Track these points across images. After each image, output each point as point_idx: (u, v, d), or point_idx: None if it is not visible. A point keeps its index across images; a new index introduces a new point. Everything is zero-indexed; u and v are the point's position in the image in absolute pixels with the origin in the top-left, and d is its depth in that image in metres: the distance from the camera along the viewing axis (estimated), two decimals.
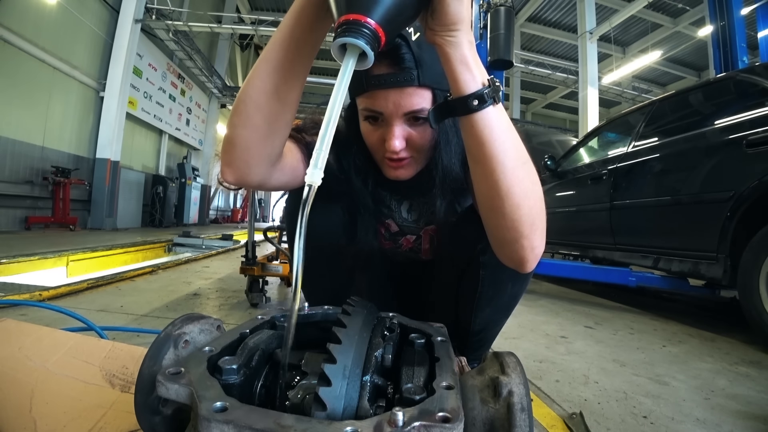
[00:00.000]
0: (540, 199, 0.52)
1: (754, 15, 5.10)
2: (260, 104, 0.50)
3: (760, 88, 1.81)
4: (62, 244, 3.84)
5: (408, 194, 0.83)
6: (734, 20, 4.83)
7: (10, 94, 5.20)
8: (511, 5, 3.56)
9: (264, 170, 0.57)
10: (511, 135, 0.50)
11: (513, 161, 0.49)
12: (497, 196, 0.50)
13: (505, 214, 0.50)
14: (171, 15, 7.97)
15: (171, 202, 8.71)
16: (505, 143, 0.49)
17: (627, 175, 2.47)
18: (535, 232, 0.52)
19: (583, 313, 2.22)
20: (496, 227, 0.53)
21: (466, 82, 0.46)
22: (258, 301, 1.95)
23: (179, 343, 0.41)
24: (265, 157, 0.56)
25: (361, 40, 0.34)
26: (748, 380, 1.26)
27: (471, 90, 0.46)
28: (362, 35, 0.34)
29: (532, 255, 0.53)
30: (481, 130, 0.48)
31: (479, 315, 0.78)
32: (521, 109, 15.65)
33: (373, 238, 0.78)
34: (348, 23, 0.34)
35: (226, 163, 0.55)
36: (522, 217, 0.50)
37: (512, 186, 0.49)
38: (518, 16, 11.33)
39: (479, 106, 0.46)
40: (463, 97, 0.46)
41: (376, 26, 0.35)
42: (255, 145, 0.53)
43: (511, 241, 0.53)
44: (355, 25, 0.34)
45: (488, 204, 0.53)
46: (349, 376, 0.33)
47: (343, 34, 0.34)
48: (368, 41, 0.35)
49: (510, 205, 0.50)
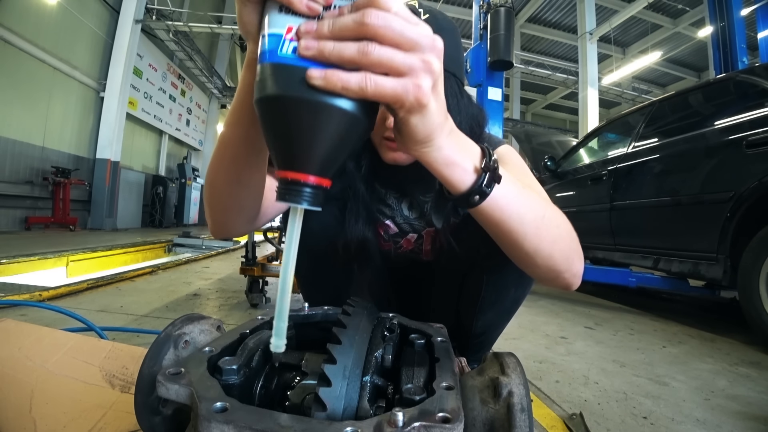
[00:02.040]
0: (568, 234, 0.51)
1: (753, 16, 5.10)
2: (224, 192, 0.52)
3: (760, 89, 1.81)
4: (62, 244, 3.84)
5: (408, 191, 0.82)
6: (734, 21, 4.83)
7: (11, 94, 5.20)
8: (511, 6, 3.55)
9: (247, 228, 0.60)
10: (523, 200, 0.47)
11: (532, 224, 0.47)
12: (527, 256, 0.50)
13: (539, 266, 0.51)
14: (171, 15, 7.98)
15: (171, 203, 8.71)
16: (520, 213, 0.46)
17: (627, 175, 2.47)
18: (573, 264, 0.52)
19: (583, 314, 2.22)
20: (534, 273, 0.54)
21: (460, 181, 0.41)
22: (258, 302, 1.95)
23: (179, 343, 0.41)
24: (244, 222, 0.59)
25: (303, 204, 0.31)
26: (748, 381, 1.26)
27: (468, 186, 0.41)
28: (303, 197, 0.31)
29: (575, 279, 0.53)
30: (491, 214, 0.45)
31: (481, 318, 0.77)
32: (521, 109, 15.66)
33: (364, 226, 0.76)
34: (287, 183, 0.31)
35: (211, 227, 0.59)
36: (556, 261, 0.50)
37: (539, 245, 0.48)
38: (518, 16, 11.34)
39: (482, 199, 0.42)
40: (463, 195, 0.42)
41: (316, 180, 0.32)
42: (231, 219, 0.56)
43: (553, 278, 0.53)
44: (295, 186, 0.31)
45: (520, 261, 0.52)
46: (349, 376, 0.33)
47: (284, 196, 0.32)
48: (310, 201, 0.32)
49: (541, 259, 0.49)
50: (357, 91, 0.29)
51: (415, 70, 0.30)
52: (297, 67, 0.28)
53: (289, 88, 0.28)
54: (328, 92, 0.28)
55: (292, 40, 0.29)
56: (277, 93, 0.29)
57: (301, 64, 0.28)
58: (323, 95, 0.29)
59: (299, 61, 0.28)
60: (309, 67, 0.28)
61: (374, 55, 0.28)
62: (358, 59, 0.28)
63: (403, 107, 0.32)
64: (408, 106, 0.32)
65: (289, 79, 0.28)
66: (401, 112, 0.33)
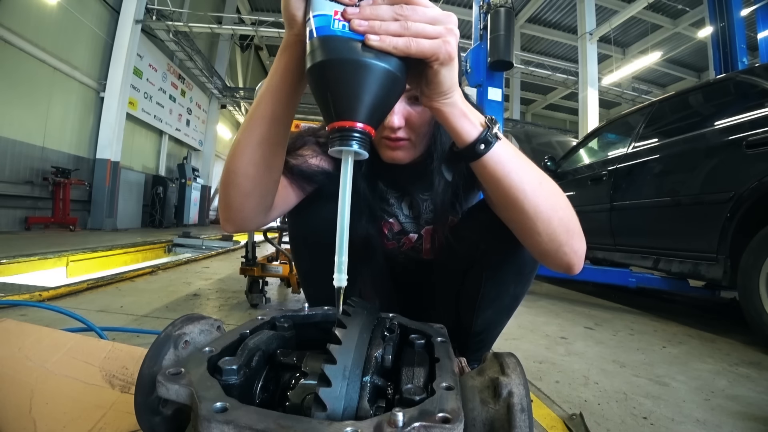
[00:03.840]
0: (567, 206, 0.55)
1: (753, 16, 5.10)
2: (249, 174, 0.55)
3: (760, 89, 1.81)
4: (62, 244, 3.84)
5: (408, 190, 0.83)
6: (734, 21, 4.83)
7: (11, 94, 5.20)
8: (511, 6, 3.55)
9: (261, 219, 0.62)
10: (522, 161, 0.53)
11: (531, 184, 0.52)
12: (527, 219, 0.53)
13: (539, 232, 0.53)
14: (171, 16, 7.98)
15: (171, 203, 8.71)
16: (519, 171, 0.52)
17: (627, 176, 2.47)
18: (573, 237, 0.55)
19: (583, 314, 2.22)
20: (536, 244, 0.56)
21: (468, 132, 0.49)
22: (258, 302, 1.95)
23: (179, 343, 0.41)
24: (260, 212, 0.60)
25: (354, 146, 0.39)
26: (748, 381, 1.26)
27: (474, 137, 0.49)
28: (354, 140, 0.39)
29: (576, 257, 0.56)
30: (494, 168, 0.51)
31: (481, 316, 0.78)
32: (521, 110, 15.66)
33: (367, 223, 0.77)
34: (339, 131, 0.39)
35: (225, 220, 0.60)
36: (556, 229, 0.53)
37: (538, 206, 0.52)
38: (518, 17, 11.34)
39: (486, 149, 0.50)
40: (469, 145, 0.49)
41: (364, 126, 0.39)
42: (249, 206, 0.58)
43: (553, 251, 0.55)
44: (346, 132, 0.39)
45: (521, 227, 0.56)
46: (349, 376, 0.33)
47: (337, 142, 0.39)
48: (360, 144, 0.39)
49: (542, 223, 0.52)
50: (404, 49, 0.39)
51: (443, 34, 0.41)
52: (348, 38, 0.38)
53: (345, 53, 0.38)
54: (377, 55, 0.38)
55: (340, 20, 0.38)
56: (335, 56, 0.38)
57: (352, 36, 0.38)
58: (371, 57, 0.38)
59: (350, 34, 0.38)
60: (357, 38, 0.38)
61: (412, 28, 0.39)
62: (401, 32, 0.39)
63: (438, 60, 0.42)
64: (442, 59, 0.42)
65: (344, 46, 0.38)
66: (435, 64, 0.42)
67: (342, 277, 0.41)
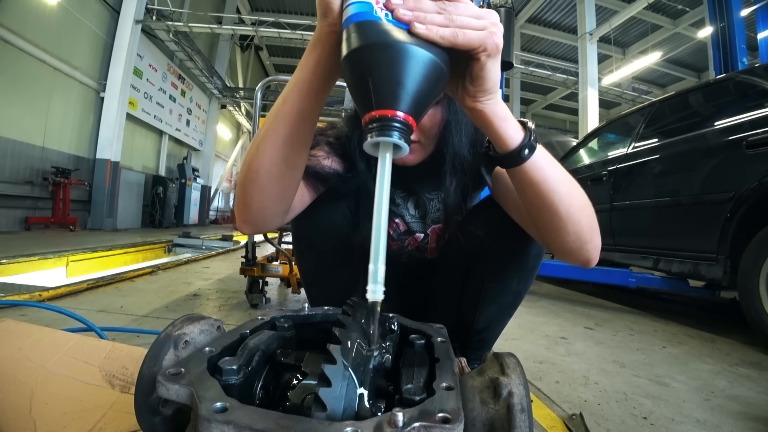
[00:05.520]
0: (589, 204, 0.55)
1: (753, 16, 5.10)
2: (272, 173, 0.52)
3: (760, 90, 1.81)
4: (62, 244, 3.84)
5: (414, 189, 0.83)
6: (734, 21, 4.83)
7: (11, 94, 5.20)
8: (511, 6, 3.55)
9: (279, 221, 0.60)
10: (555, 164, 0.52)
11: (565, 185, 0.52)
12: (559, 221, 0.53)
13: (569, 233, 0.54)
14: (171, 16, 7.99)
15: (171, 203, 8.71)
16: (555, 175, 0.51)
17: (627, 176, 2.47)
18: (594, 235, 0.56)
19: (583, 314, 2.22)
20: (563, 243, 0.56)
21: (512, 137, 0.47)
22: (258, 302, 1.95)
23: (179, 343, 0.41)
24: (280, 212, 0.59)
25: (395, 137, 0.35)
26: (748, 381, 1.26)
27: (518, 142, 0.47)
28: (395, 130, 0.35)
29: (596, 253, 0.57)
30: (533, 173, 0.50)
31: (483, 312, 0.78)
32: (521, 110, 15.67)
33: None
34: (379, 120, 0.35)
35: (243, 221, 0.58)
36: (584, 228, 0.54)
37: (570, 208, 0.52)
38: (518, 17, 11.34)
39: (530, 154, 0.48)
40: (513, 151, 0.48)
41: (405, 117, 0.35)
42: (270, 207, 0.56)
43: (578, 248, 0.56)
44: (387, 122, 0.35)
45: (551, 227, 0.55)
46: (349, 376, 0.33)
47: (375, 132, 0.35)
48: (401, 135, 0.35)
49: (572, 224, 0.53)
50: (451, 39, 0.37)
51: (488, 26, 0.39)
52: (393, 24, 0.36)
53: (389, 37, 0.35)
54: (422, 43, 0.36)
55: (383, 9, 0.36)
56: (379, 40, 0.35)
57: (396, 23, 0.36)
58: (417, 44, 0.36)
59: (394, 21, 0.36)
60: (401, 27, 0.36)
61: (457, 20, 0.38)
62: (447, 23, 0.37)
63: (486, 50, 0.40)
64: (489, 50, 0.40)
65: (388, 31, 0.36)
66: (483, 56, 0.40)
67: (378, 288, 0.36)
